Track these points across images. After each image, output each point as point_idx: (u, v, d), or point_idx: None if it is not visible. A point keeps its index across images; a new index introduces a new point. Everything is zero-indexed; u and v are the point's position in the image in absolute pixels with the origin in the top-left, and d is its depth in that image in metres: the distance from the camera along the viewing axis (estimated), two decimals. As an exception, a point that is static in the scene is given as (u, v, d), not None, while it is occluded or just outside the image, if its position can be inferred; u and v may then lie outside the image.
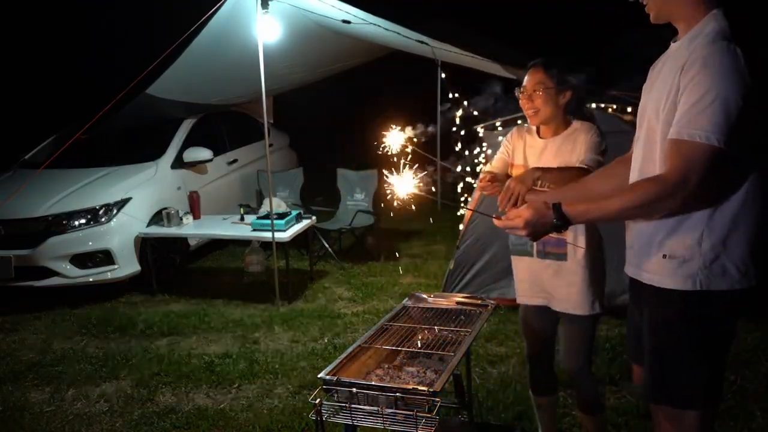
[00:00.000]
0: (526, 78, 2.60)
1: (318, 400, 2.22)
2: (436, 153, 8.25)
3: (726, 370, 1.94)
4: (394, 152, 2.31)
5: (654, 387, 1.94)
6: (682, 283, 1.83)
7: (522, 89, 2.60)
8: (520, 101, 2.62)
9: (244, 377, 3.88)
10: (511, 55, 5.56)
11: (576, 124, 2.60)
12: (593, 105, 5.26)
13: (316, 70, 7.05)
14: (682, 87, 1.72)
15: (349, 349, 2.50)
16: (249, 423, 3.36)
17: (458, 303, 3.02)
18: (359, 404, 2.21)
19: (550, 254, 2.61)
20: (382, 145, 2.34)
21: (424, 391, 2.13)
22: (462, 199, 7.12)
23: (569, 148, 2.56)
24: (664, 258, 1.86)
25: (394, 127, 2.37)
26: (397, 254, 6.53)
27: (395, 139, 2.35)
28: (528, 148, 2.67)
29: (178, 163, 6.17)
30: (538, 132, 2.67)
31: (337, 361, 2.38)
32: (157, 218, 5.68)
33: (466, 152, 7.33)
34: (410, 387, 2.19)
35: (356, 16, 4.65)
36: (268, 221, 5.18)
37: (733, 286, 1.79)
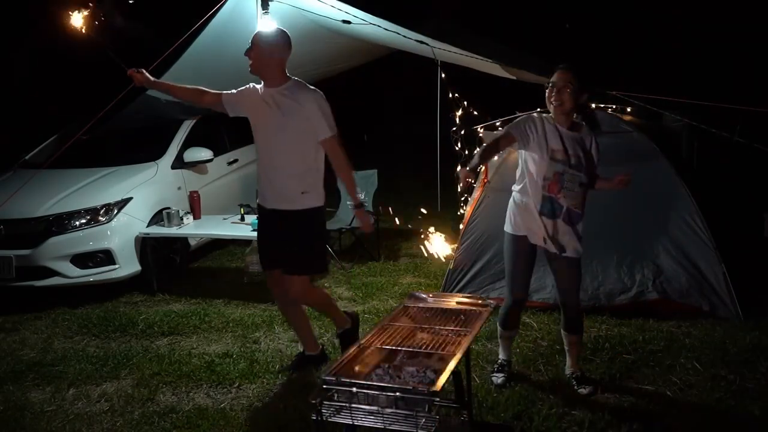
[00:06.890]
0: (555, 76, 3.22)
1: (318, 400, 2.23)
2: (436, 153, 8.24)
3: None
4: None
5: None
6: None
7: (552, 84, 3.22)
8: (547, 93, 3.24)
9: (244, 377, 3.88)
10: (511, 56, 5.55)
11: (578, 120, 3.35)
12: (593, 105, 5.28)
13: (316, 71, 7.04)
14: None
15: (349, 349, 2.51)
16: (249, 422, 3.37)
17: (458, 303, 3.03)
18: (359, 404, 2.22)
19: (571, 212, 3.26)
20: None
21: (424, 390, 2.14)
22: (462, 199, 7.12)
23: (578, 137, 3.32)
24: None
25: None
26: (396, 254, 6.54)
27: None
28: (561, 135, 3.25)
29: (179, 163, 6.17)
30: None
31: (338, 360, 2.39)
32: (157, 218, 5.69)
33: (466, 152, 7.33)
34: (410, 387, 2.20)
35: (356, 16, 4.65)
36: (269, 221, 5.17)
37: None
